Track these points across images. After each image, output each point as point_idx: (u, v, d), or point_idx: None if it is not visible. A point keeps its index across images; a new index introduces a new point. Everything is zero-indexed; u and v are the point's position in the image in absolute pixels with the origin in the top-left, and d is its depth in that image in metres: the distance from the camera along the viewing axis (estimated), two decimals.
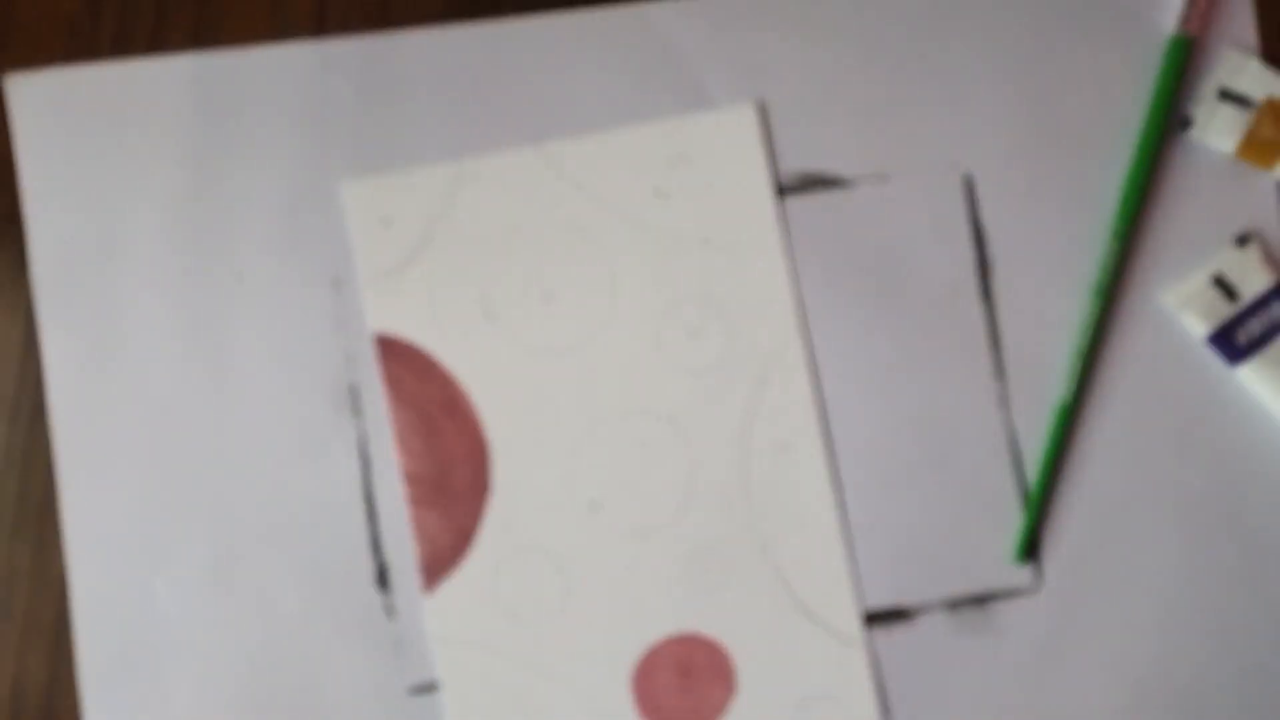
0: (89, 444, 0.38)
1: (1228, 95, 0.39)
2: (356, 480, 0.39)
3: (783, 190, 0.40)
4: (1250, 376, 0.39)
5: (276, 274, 0.39)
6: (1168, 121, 0.39)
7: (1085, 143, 0.40)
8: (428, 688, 0.38)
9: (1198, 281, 0.39)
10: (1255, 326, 0.39)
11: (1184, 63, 0.39)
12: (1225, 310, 0.39)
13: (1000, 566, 0.39)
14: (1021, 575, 0.39)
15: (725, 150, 0.39)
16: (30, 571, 0.38)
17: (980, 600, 0.39)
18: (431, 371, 0.39)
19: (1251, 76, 0.39)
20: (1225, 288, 0.39)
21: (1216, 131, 0.39)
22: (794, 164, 0.40)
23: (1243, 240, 0.39)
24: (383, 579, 0.39)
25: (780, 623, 0.38)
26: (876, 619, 0.39)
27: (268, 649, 0.38)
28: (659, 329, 0.39)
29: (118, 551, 0.38)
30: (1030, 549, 0.39)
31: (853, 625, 0.38)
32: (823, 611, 0.38)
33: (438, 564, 0.39)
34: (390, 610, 0.38)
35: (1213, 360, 0.39)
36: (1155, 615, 0.39)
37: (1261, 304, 0.39)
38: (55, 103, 0.39)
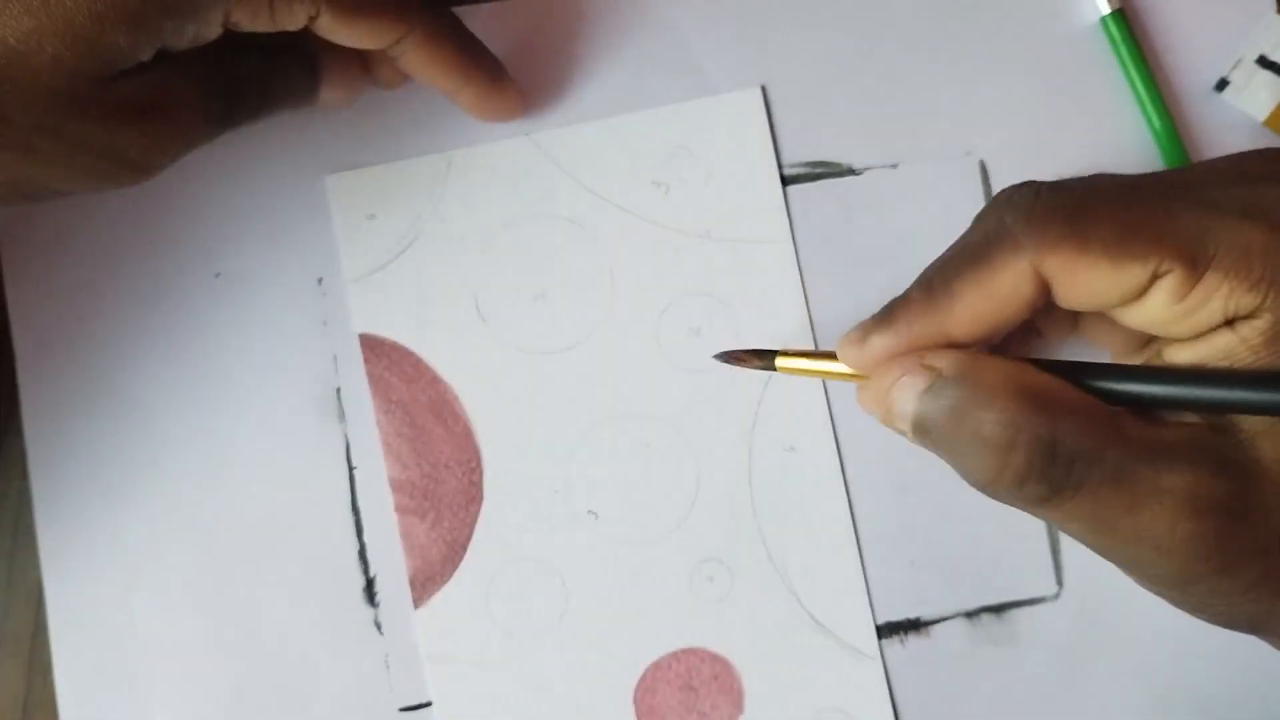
0: (62, 451, 0.37)
1: (1266, 63, 0.39)
2: (343, 489, 0.37)
3: (787, 179, 0.38)
4: None
5: (258, 273, 0.38)
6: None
7: (1101, 125, 0.39)
8: (420, 706, 0.37)
9: None
10: None
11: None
12: None
13: (1019, 573, 0.37)
14: (1041, 582, 0.37)
15: (727, 138, 0.38)
16: (4, 583, 0.37)
17: (998, 609, 0.37)
18: (419, 372, 0.37)
19: None
20: None
21: (1250, 97, 0.39)
22: (799, 152, 0.38)
23: None
24: (370, 593, 0.37)
25: (789, 636, 0.37)
26: (891, 630, 0.37)
27: (252, 667, 0.37)
28: (659, 326, 0.38)
29: (94, 565, 0.37)
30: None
31: (866, 638, 0.37)
32: (834, 623, 0.37)
33: (428, 577, 0.37)
34: (379, 626, 0.37)
35: None
36: (1179, 618, 0.37)
37: None
38: None
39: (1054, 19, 0.39)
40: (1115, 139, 0.39)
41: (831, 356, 0.30)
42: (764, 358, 0.32)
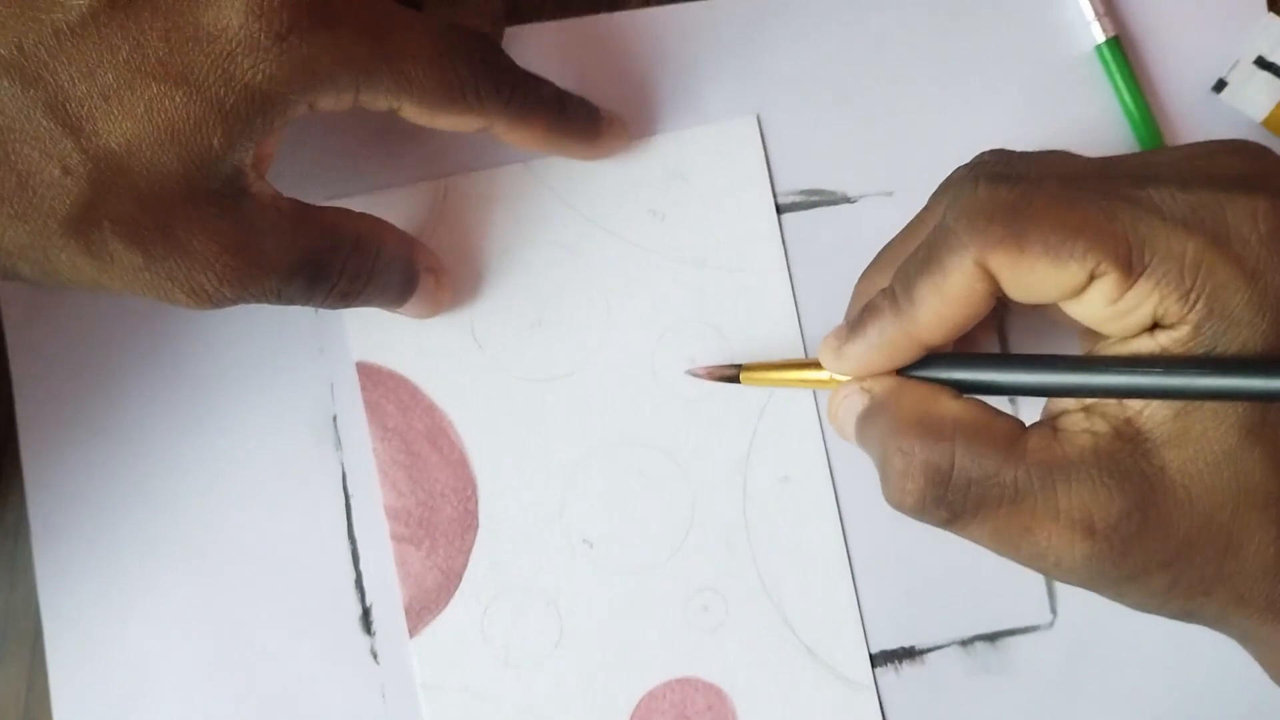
0: (58, 476, 0.37)
1: (1264, 64, 0.38)
2: (339, 517, 0.37)
3: (781, 208, 0.38)
4: None
5: None
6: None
7: (1095, 152, 0.38)
8: None
9: None
10: None
11: None
12: None
13: (1013, 601, 0.37)
14: (1035, 610, 0.37)
15: (722, 166, 0.38)
16: (5, 583, 0.37)
17: (993, 637, 0.37)
18: (415, 400, 0.37)
19: None
20: None
21: (1248, 98, 0.38)
22: (794, 180, 0.38)
23: None
24: (367, 621, 0.37)
25: (784, 665, 0.37)
26: (885, 659, 0.37)
27: (248, 695, 0.37)
28: (654, 354, 0.38)
29: (90, 591, 0.37)
30: None
31: (860, 666, 0.37)
32: (828, 652, 0.37)
33: (423, 605, 0.37)
34: (376, 654, 0.37)
35: None
36: (1172, 644, 0.37)
37: None
38: None
39: (1048, 45, 0.39)
40: None
41: (793, 366, 0.33)
42: (731, 371, 0.34)
